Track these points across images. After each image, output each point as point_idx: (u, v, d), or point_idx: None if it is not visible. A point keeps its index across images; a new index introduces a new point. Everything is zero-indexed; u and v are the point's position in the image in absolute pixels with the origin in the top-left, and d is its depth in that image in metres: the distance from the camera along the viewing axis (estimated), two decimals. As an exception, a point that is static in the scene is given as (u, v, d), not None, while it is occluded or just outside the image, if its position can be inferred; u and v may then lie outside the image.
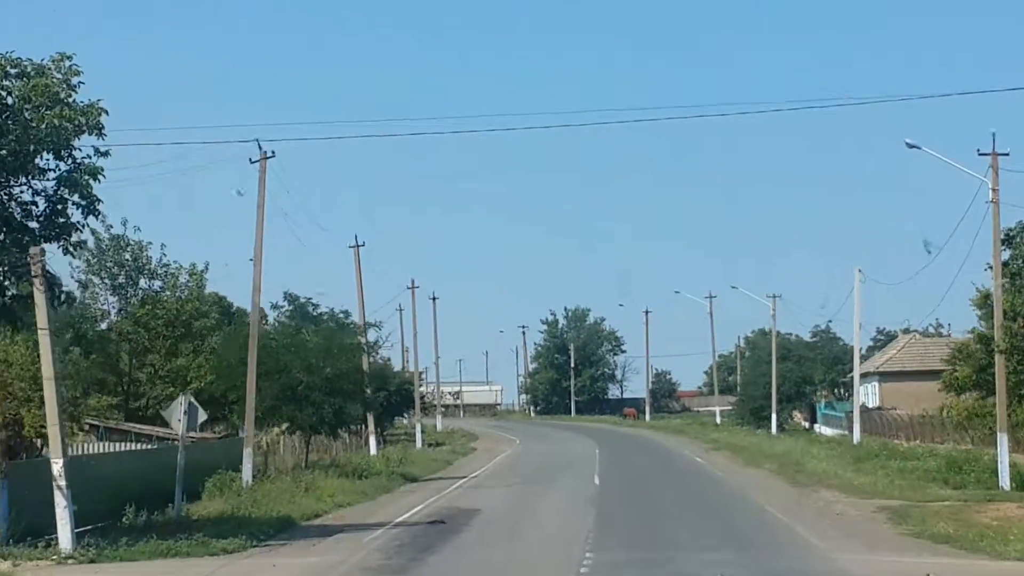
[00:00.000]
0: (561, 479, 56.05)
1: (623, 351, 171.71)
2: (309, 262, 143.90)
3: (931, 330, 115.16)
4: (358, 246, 75.12)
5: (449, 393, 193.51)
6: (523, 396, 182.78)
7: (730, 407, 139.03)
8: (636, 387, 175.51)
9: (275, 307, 59.20)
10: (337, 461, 61.93)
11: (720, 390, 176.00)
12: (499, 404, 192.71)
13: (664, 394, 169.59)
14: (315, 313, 57.29)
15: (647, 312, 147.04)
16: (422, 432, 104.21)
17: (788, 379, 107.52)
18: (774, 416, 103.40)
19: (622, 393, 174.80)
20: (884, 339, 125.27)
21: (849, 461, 63.05)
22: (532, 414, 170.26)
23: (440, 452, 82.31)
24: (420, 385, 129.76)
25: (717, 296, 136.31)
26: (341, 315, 57.07)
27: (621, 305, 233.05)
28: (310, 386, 55.42)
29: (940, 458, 58.86)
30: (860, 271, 77.00)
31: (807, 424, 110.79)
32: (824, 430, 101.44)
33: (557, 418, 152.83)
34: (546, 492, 48.86)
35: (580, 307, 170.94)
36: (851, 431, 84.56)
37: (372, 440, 75.29)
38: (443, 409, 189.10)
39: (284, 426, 57.55)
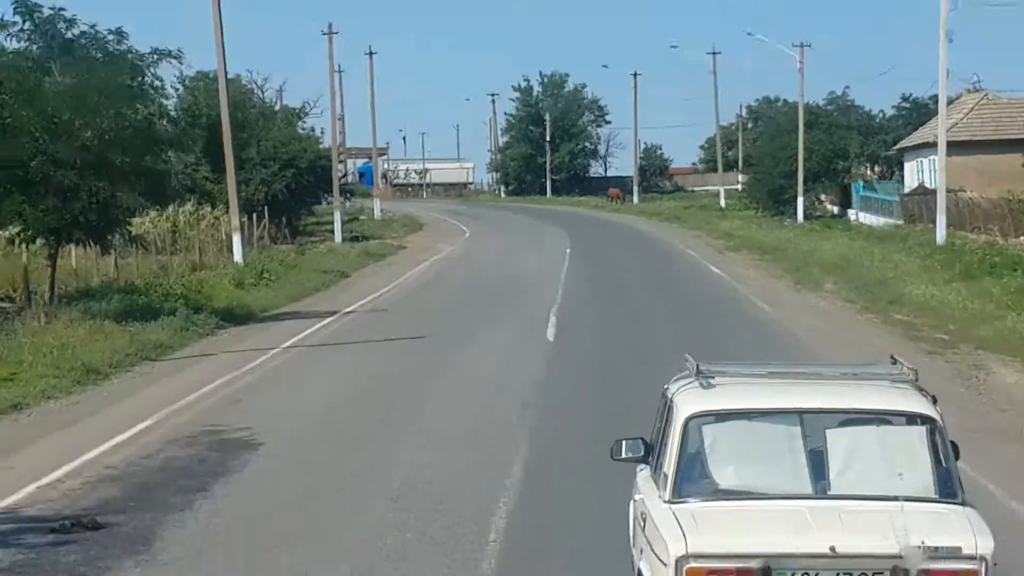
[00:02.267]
0: (491, 323, 31.43)
1: (607, 122, 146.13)
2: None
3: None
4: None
5: (414, 171, 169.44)
6: (493, 175, 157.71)
7: (739, 186, 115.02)
8: (622, 164, 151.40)
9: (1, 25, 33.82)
10: (133, 283, 37.44)
11: (715, 168, 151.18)
12: (471, 184, 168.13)
13: (654, 172, 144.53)
14: (68, 35, 32.32)
15: (636, 75, 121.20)
16: (343, 222, 79.95)
17: (816, 153, 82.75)
18: (800, 200, 78.84)
19: (606, 171, 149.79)
20: (909, 108, 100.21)
21: (955, 277, 38.74)
22: (502, 195, 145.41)
23: (349, 254, 57.76)
24: (346, 159, 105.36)
25: (721, 53, 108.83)
26: (111, 37, 31.96)
27: (605, 67, 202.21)
28: (55, 160, 30.82)
29: None
30: (952, -10, 51.51)
31: (836, 210, 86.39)
32: (864, 218, 76.96)
33: (530, 200, 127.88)
34: (440, 373, 24.01)
35: (558, 72, 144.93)
36: (913, 222, 60.29)
37: (236, 240, 50.62)
38: (409, 190, 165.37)
39: (15, 229, 33.02)
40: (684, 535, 8.76)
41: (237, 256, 49.43)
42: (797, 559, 8.65)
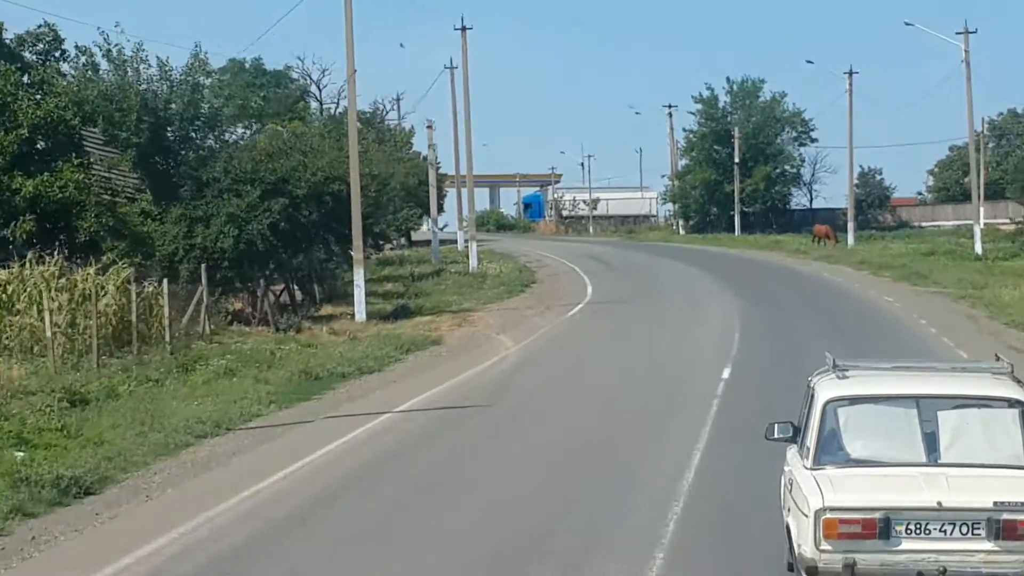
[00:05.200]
0: None
1: (813, 140, 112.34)
2: None
3: None
4: None
5: (583, 202, 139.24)
6: (669, 206, 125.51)
7: (980, 224, 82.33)
8: (831, 193, 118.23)
9: None
10: None
11: (947, 198, 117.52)
12: (653, 216, 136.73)
13: (873, 203, 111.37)
14: None
15: (851, 73, 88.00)
16: (411, 279, 50.85)
17: None
18: None
19: (811, 201, 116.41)
20: None
21: None
22: (680, 231, 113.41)
23: (277, 381, 26.86)
24: (437, 187, 75.23)
25: (977, 31, 73.79)
26: None
27: (810, 63, 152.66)
28: None
29: None
30: None
31: None
32: None
33: (711, 240, 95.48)
34: None
35: (749, 78, 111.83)
36: None
37: None
38: (583, 223, 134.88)
39: None
40: (822, 492, 10.87)
41: None
42: (911, 511, 10.76)
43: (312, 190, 42.24)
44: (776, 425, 12.64)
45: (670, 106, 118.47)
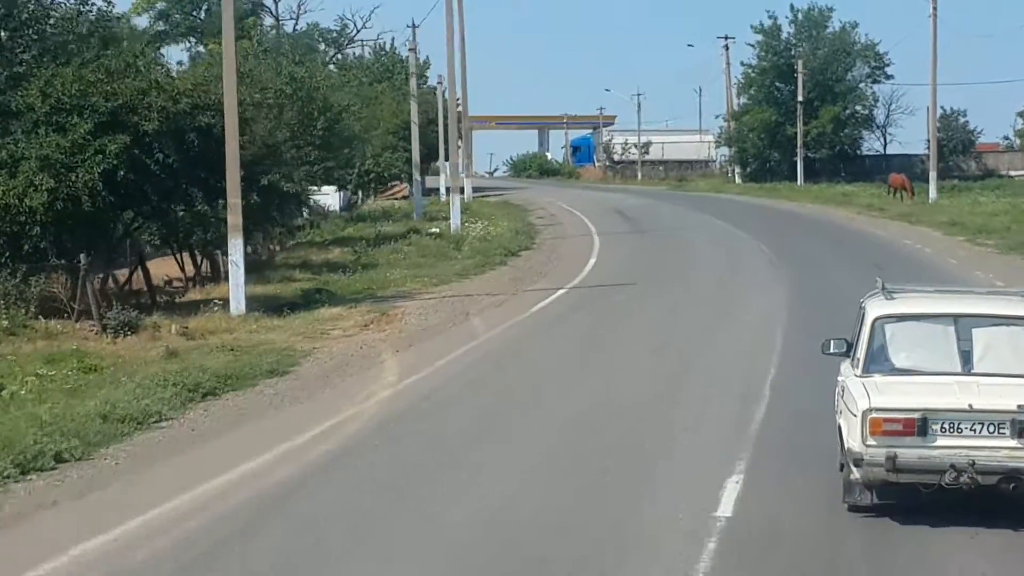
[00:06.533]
0: None
1: (888, 77, 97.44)
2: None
3: None
4: None
5: (633, 146, 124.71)
6: (722, 150, 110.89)
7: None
8: (907, 137, 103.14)
9: None
10: None
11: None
12: (712, 161, 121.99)
13: (956, 149, 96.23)
14: None
15: (936, -4, 72.65)
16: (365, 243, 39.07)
17: None
18: None
19: (885, 146, 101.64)
20: None
21: None
22: (736, 178, 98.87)
23: None
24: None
25: None
26: None
27: None
28: None
29: None
30: None
31: None
32: None
33: (770, 190, 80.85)
34: None
35: (816, 6, 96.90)
36: None
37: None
38: (632, 167, 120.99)
39: None
40: (869, 396, 12.03)
41: None
42: (945, 412, 11.90)
43: (168, 124, 28.55)
44: (832, 341, 13.68)
45: (726, 38, 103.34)
